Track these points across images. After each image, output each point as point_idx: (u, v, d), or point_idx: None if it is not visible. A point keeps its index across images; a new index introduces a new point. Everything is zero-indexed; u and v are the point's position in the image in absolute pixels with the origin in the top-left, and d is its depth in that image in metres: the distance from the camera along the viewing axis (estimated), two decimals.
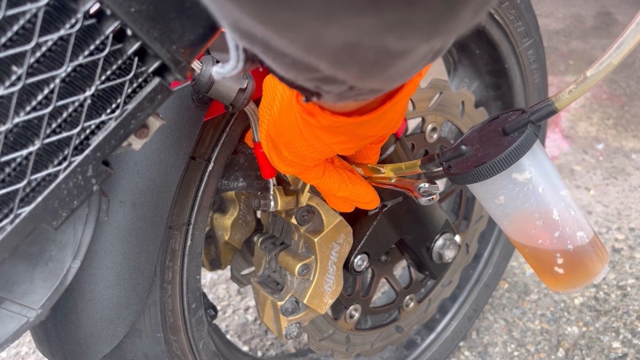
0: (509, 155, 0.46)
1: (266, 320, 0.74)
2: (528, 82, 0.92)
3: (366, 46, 0.24)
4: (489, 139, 0.49)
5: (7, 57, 0.32)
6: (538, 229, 0.50)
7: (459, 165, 0.49)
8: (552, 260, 0.51)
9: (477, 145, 0.49)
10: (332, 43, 0.23)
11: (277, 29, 0.23)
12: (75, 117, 0.36)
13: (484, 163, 0.46)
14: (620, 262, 1.36)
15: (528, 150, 0.46)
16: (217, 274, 1.39)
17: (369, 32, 0.22)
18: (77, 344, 0.55)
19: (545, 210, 0.49)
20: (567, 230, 0.50)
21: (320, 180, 0.57)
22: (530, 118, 0.46)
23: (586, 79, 0.42)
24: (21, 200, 0.36)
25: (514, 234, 0.52)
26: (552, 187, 0.49)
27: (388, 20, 0.21)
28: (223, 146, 0.61)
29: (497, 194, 0.49)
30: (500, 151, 0.46)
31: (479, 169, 0.46)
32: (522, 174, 0.48)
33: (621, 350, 1.11)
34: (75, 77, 0.35)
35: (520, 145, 0.46)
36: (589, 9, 3.40)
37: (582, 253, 0.51)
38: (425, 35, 0.24)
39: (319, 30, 0.22)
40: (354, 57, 0.25)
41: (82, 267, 0.46)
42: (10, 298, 0.43)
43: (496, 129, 0.49)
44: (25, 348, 1.18)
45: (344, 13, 0.20)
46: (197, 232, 0.63)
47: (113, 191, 0.52)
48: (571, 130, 2.04)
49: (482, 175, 0.47)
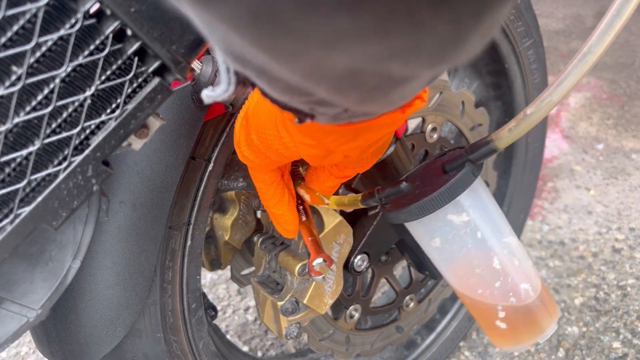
0: (441, 195, 0.42)
1: (266, 321, 0.74)
2: (528, 82, 0.92)
3: (369, 72, 0.23)
4: (431, 176, 0.46)
5: (7, 57, 0.32)
6: (477, 278, 0.46)
7: (395, 203, 0.46)
8: (493, 314, 0.47)
9: (418, 183, 0.46)
10: (334, 70, 0.23)
11: (277, 57, 0.22)
12: (75, 117, 0.36)
13: (417, 201, 0.43)
14: (621, 262, 1.36)
15: (464, 190, 0.43)
16: (217, 274, 1.39)
17: (373, 59, 0.21)
18: (77, 344, 0.55)
19: (484, 257, 0.45)
20: (510, 282, 0.46)
21: (266, 187, 0.57)
22: (468, 156, 0.43)
23: (526, 116, 0.40)
24: (21, 200, 0.36)
25: (453, 281, 0.48)
26: (494, 232, 0.45)
27: (394, 47, 0.20)
28: (223, 146, 0.61)
29: (433, 235, 0.45)
30: (434, 190, 0.43)
31: (411, 207, 0.43)
32: (459, 216, 0.44)
33: (621, 350, 1.11)
34: (75, 77, 0.35)
35: (455, 184, 0.42)
36: (589, 9, 3.40)
37: (526, 308, 0.46)
38: (431, 63, 0.23)
39: (321, 58, 0.21)
40: (354, 83, 0.24)
41: (82, 267, 0.46)
42: (10, 298, 0.43)
43: (439, 167, 0.46)
44: (25, 348, 1.18)
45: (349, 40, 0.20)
46: (197, 232, 0.63)
47: (113, 191, 0.52)
48: (571, 130, 2.04)
49: (413, 214, 0.44)
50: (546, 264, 1.38)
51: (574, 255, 1.41)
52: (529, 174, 1.04)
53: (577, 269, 1.35)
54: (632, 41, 2.84)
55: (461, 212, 0.44)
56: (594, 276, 1.32)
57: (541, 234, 1.49)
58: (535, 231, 1.50)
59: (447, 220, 0.44)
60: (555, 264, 1.38)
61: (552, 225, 1.52)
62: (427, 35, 0.20)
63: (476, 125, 0.90)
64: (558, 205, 1.61)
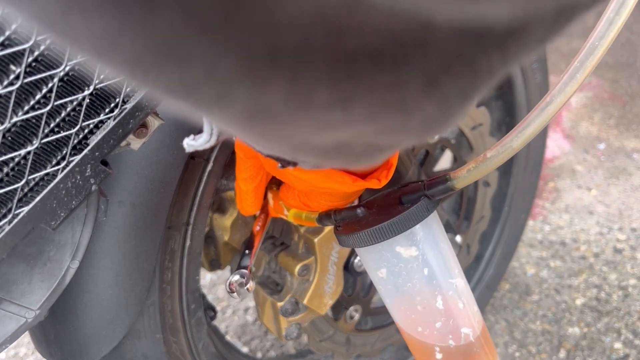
0: (392, 225, 0.42)
1: (266, 321, 0.73)
2: (529, 81, 0.92)
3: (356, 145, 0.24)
4: (387, 206, 0.45)
5: (5, 56, 0.31)
6: (418, 315, 0.45)
7: (347, 227, 0.46)
8: (431, 354, 0.46)
9: (374, 210, 0.46)
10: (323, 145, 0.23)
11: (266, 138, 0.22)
12: (74, 117, 0.35)
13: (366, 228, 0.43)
14: (622, 262, 1.35)
15: (415, 223, 0.42)
16: (217, 275, 1.39)
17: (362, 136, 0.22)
18: (76, 344, 0.55)
19: (427, 295, 0.44)
20: (451, 324, 0.45)
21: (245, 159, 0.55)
22: (425, 191, 0.43)
23: (486, 159, 0.41)
24: (19, 200, 0.36)
25: (395, 315, 0.48)
26: (442, 271, 0.45)
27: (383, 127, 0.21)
28: (222, 146, 0.61)
29: (380, 265, 0.45)
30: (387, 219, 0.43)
31: (360, 233, 0.43)
32: (408, 250, 0.43)
33: (623, 351, 1.10)
34: (73, 76, 0.34)
35: (407, 216, 0.42)
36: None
37: (464, 351, 0.46)
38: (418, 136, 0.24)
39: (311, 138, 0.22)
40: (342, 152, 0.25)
41: (80, 267, 0.46)
42: (9, 299, 0.42)
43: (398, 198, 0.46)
44: (24, 349, 1.18)
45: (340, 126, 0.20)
46: (197, 232, 0.63)
47: (112, 191, 0.52)
48: (572, 130, 2.03)
49: (362, 241, 0.43)
50: (547, 264, 1.37)
51: (575, 255, 1.40)
52: (530, 173, 1.03)
53: (578, 269, 1.35)
54: (633, 40, 2.83)
55: (411, 245, 0.43)
56: (595, 276, 1.32)
57: (542, 234, 1.49)
58: (536, 231, 1.50)
59: (395, 251, 0.44)
60: (556, 264, 1.37)
61: (553, 225, 1.52)
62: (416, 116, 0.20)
63: (477, 124, 0.90)
64: (559, 205, 1.61)
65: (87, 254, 0.46)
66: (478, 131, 0.91)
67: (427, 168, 0.86)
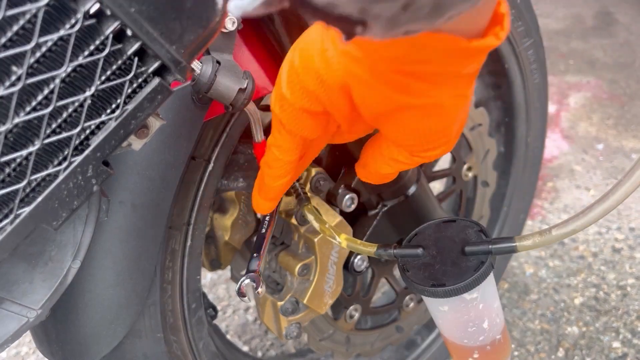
0: (468, 285, 0.48)
1: (266, 321, 0.74)
2: (528, 82, 0.92)
3: None
4: (447, 249, 0.51)
5: (7, 57, 0.32)
6: (468, 334, 0.54)
7: (415, 272, 0.51)
8: (470, 354, 0.56)
9: (434, 251, 0.51)
10: None
11: None
12: (75, 117, 0.36)
13: (443, 285, 0.48)
14: (621, 262, 1.36)
15: (484, 279, 0.49)
16: (217, 274, 1.39)
17: None
18: (77, 344, 0.55)
19: (479, 320, 0.53)
20: (490, 336, 0.55)
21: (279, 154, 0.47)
22: (491, 249, 0.48)
23: (550, 235, 0.45)
24: (21, 200, 0.36)
25: (446, 332, 0.56)
26: (491, 302, 0.53)
27: None
28: (223, 146, 0.61)
29: (444, 303, 0.52)
30: (459, 275, 0.48)
31: (438, 290, 0.49)
32: (471, 294, 0.50)
33: (621, 350, 1.11)
34: (75, 77, 0.35)
35: (480, 277, 0.48)
36: (589, 9, 3.40)
37: (494, 350, 0.57)
38: None
39: None
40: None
41: (82, 267, 0.46)
42: (10, 298, 0.43)
43: (454, 239, 0.51)
44: (26, 348, 1.18)
45: None
46: (197, 232, 0.63)
47: (113, 191, 0.52)
48: (571, 130, 2.04)
49: (439, 295, 0.49)
50: (546, 263, 1.38)
51: (573, 255, 1.41)
52: (528, 173, 1.04)
53: (577, 269, 1.35)
54: (632, 41, 2.84)
55: (473, 291, 0.50)
56: (593, 276, 1.32)
57: None
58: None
59: (461, 296, 0.50)
60: (555, 264, 1.38)
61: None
62: None
63: (476, 125, 0.90)
64: (558, 205, 1.61)
65: (88, 253, 0.46)
66: (477, 131, 0.91)
67: (426, 168, 0.87)
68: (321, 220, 0.59)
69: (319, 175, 0.69)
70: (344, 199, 0.69)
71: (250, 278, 0.58)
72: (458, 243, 0.50)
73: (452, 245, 0.51)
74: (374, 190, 0.72)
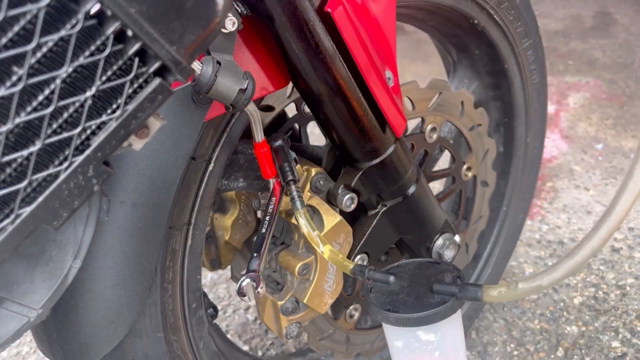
0: (421, 319, 0.48)
1: (266, 320, 0.74)
2: (527, 82, 0.93)
3: None
4: (418, 284, 0.52)
5: (8, 57, 0.32)
6: None
7: (378, 296, 0.52)
8: None
9: (405, 283, 0.52)
10: None
11: None
12: (76, 118, 0.36)
13: (397, 312, 0.49)
14: (620, 261, 1.36)
15: (441, 319, 0.49)
16: (218, 274, 1.39)
17: None
18: (78, 343, 0.55)
19: None
20: None
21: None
22: (456, 292, 0.49)
23: (517, 288, 0.46)
24: (22, 200, 0.36)
25: None
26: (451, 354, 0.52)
27: None
28: (223, 146, 0.61)
29: (399, 337, 0.52)
30: (417, 309, 0.49)
31: (391, 315, 0.49)
32: (427, 335, 0.50)
33: (620, 349, 1.11)
34: (76, 77, 0.35)
35: (435, 314, 0.48)
36: (588, 9, 3.40)
37: None
38: None
39: None
40: None
41: (82, 267, 0.46)
42: (11, 298, 0.43)
43: (429, 278, 0.52)
44: (26, 347, 1.19)
45: None
46: (198, 232, 0.63)
47: (113, 191, 0.52)
48: (570, 130, 2.04)
49: (390, 321, 0.49)
50: (545, 263, 1.38)
51: None
52: (528, 173, 1.04)
53: None
54: (631, 42, 2.84)
55: (429, 332, 0.49)
56: (593, 276, 1.32)
57: (540, 233, 1.49)
58: (534, 231, 1.50)
59: (415, 333, 0.50)
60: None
61: (551, 225, 1.52)
62: None
63: (475, 125, 0.90)
64: (557, 205, 1.62)
65: (88, 253, 0.46)
66: (476, 132, 0.91)
67: (426, 168, 0.87)
68: (311, 227, 0.59)
69: (319, 175, 0.69)
70: (344, 199, 0.70)
71: (251, 278, 0.58)
72: (431, 282, 0.52)
73: (424, 282, 0.52)
74: (374, 190, 0.72)
